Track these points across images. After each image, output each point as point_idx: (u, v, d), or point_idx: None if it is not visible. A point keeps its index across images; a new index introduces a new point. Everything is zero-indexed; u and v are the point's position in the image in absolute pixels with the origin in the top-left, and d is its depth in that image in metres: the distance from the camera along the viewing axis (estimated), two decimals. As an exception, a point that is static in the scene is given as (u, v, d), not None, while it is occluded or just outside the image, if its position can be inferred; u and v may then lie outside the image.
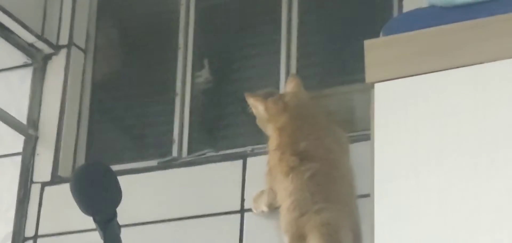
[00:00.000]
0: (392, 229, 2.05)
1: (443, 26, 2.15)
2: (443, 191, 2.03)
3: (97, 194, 2.43)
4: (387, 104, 2.15)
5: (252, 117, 2.86)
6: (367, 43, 2.21)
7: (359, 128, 2.85)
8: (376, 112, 2.16)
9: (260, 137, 2.98)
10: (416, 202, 2.05)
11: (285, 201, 2.60)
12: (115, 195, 2.47)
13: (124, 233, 2.52)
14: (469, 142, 2.05)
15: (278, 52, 3.09)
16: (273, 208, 2.70)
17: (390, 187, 2.09)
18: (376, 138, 2.15)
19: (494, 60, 2.08)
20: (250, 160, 2.93)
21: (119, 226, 2.52)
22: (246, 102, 2.81)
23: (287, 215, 2.58)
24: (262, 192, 2.77)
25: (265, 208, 2.76)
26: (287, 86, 2.83)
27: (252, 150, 2.96)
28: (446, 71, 2.12)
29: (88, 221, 2.61)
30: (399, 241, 2.03)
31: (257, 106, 2.78)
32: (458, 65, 2.11)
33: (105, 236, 2.48)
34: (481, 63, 2.10)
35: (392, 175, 2.10)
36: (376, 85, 2.17)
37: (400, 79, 2.15)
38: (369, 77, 2.19)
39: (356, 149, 2.70)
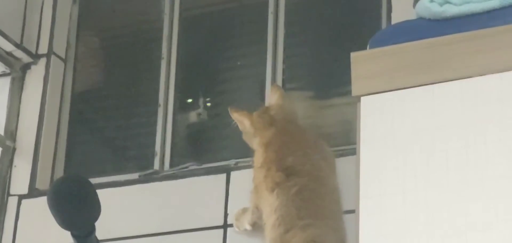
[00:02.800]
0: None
1: (431, 39, 2.12)
2: (430, 207, 1.99)
3: (75, 207, 2.37)
4: (373, 118, 2.10)
5: (236, 130, 2.81)
6: (354, 55, 2.16)
7: (346, 142, 2.80)
8: (362, 126, 2.12)
9: (244, 151, 2.92)
10: (402, 219, 2.00)
11: (270, 218, 2.54)
12: (94, 209, 2.41)
13: (103, 248, 2.47)
14: (456, 157, 2.00)
15: (263, 64, 3.03)
16: (257, 227, 2.64)
17: (375, 203, 2.04)
18: (362, 153, 2.10)
19: (483, 74, 2.04)
20: (233, 174, 2.87)
21: (98, 241, 2.46)
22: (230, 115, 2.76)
23: (272, 231, 2.52)
24: (244, 209, 2.71)
25: (248, 227, 2.69)
26: (271, 97, 2.78)
27: (236, 163, 2.91)
28: (434, 85, 2.08)
29: (66, 236, 2.55)
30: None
31: (242, 121, 2.72)
32: (446, 79, 2.07)
33: (82, 252, 2.42)
34: (469, 77, 2.06)
35: (378, 191, 2.05)
36: (362, 98, 2.13)
37: (387, 93, 2.11)
38: (355, 90, 2.14)
39: (345, 164, 2.65)
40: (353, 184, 2.12)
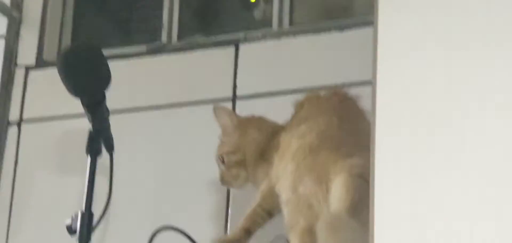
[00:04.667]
0: (394, 113, 1.97)
1: None
2: (450, 70, 1.96)
3: (86, 74, 2.37)
4: (392, -16, 2.06)
5: (245, 3, 2.77)
6: None
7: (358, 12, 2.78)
8: (381, -7, 2.07)
9: (253, 23, 2.90)
10: (421, 84, 1.97)
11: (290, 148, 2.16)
12: (104, 76, 2.41)
13: (112, 120, 2.46)
14: (478, 19, 1.96)
15: None
16: None
17: (393, 70, 2.01)
18: (379, 20, 2.05)
19: None
20: (242, 47, 2.85)
21: (108, 110, 2.46)
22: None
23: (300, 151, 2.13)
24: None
25: None
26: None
27: (245, 36, 2.87)
28: None
29: (74, 106, 2.54)
30: (402, 126, 1.96)
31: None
32: None
33: (93, 119, 2.42)
34: None
35: (396, 56, 2.02)
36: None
37: (406, -43, 2.06)
38: None
39: (354, 36, 2.62)
40: (370, 54, 2.08)
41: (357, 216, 1.90)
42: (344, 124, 2.17)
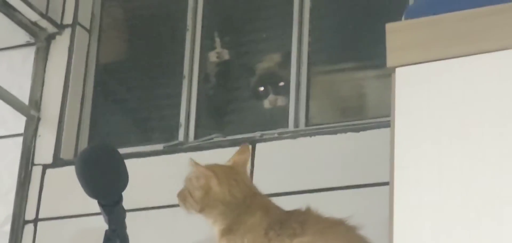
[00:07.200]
0: (412, 218, 1.99)
1: (468, 10, 2.09)
2: (466, 179, 1.98)
3: (103, 176, 2.37)
4: (408, 90, 2.09)
5: (262, 102, 2.79)
6: (389, 26, 2.14)
7: (371, 115, 2.80)
8: (397, 98, 2.10)
9: (269, 123, 2.91)
10: (437, 190, 1.99)
11: None
12: (122, 178, 2.41)
13: (129, 218, 2.46)
14: (493, 129, 1.99)
15: (289, 36, 3.01)
16: None
17: (410, 174, 2.03)
18: (396, 124, 2.08)
19: (520, 46, 2.02)
20: (259, 146, 2.86)
21: (125, 211, 2.46)
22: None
23: None
24: None
25: None
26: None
27: (261, 135, 2.89)
28: (470, 56, 2.06)
29: (90, 205, 2.55)
30: (420, 234, 1.97)
31: None
32: (482, 51, 2.05)
33: (110, 220, 2.42)
34: (506, 49, 2.04)
35: (413, 163, 2.03)
36: (397, 69, 2.11)
37: (422, 64, 2.09)
38: (390, 61, 2.12)
39: (378, 136, 2.64)
40: (387, 156, 2.10)
41: None
42: None
